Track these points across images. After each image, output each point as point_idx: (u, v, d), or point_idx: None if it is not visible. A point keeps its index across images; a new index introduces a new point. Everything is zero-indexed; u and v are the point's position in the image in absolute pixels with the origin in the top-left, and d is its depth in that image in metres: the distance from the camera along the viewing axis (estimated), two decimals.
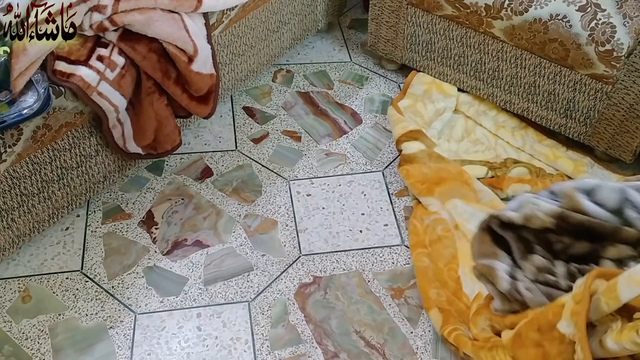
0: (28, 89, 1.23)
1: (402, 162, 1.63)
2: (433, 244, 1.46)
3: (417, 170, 1.59)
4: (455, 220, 1.49)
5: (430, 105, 1.81)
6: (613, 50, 1.47)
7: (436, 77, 1.88)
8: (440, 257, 1.44)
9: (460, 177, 1.58)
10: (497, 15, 1.60)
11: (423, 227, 1.49)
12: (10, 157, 1.26)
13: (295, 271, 1.47)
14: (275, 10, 1.79)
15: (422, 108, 1.80)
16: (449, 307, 1.33)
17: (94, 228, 1.54)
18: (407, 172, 1.60)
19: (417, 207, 1.56)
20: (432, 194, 1.55)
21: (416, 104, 1.81)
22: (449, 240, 1.47)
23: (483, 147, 1.72)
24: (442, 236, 1.48)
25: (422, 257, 1.44)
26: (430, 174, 1.58)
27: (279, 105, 1.89)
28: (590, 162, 1.67)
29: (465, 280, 1.38)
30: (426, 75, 1.89)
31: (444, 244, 1.46)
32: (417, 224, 1.50)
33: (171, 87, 1.45)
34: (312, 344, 1.33)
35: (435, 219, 1.51)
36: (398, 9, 1.81)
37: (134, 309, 1.39)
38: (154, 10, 1.35)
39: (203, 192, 1.63)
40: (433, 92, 1.84)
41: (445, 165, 1.60)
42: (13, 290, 1.42)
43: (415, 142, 1.65)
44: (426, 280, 1.39)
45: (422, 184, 1.57)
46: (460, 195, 1.54)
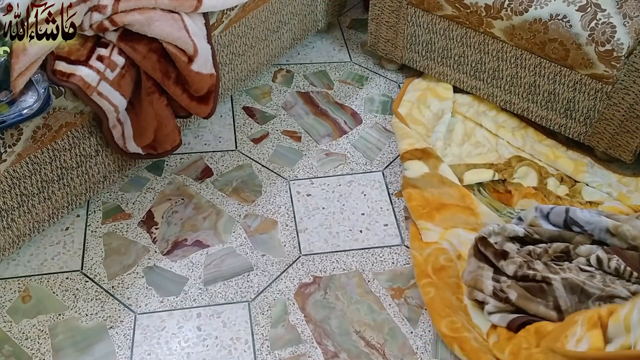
0: (28, 89, 1.23)
1: (404, 185, 1.60)
2: (437, 272, 1.41)
3: (419, 194, 1.56)
4: (458, 250, 1.45)
5: (425, 110, 1.80)
6: (613, 50, 1.47)
7: (436, 77, 1.88)
8: (446, 286, 1.39)
9: (463, 201, 1.55)
10: (497, 15, 1.60)
11: (424, 257, 1.44)
12: (10, 157, 1.26)
13: (295, 271, 1.47)
14: (275, 10, 1.79)
15: (418, 114, 1.79)
16: (467, 335, 1.29)
17: (94, 228, 1.54)
18: (409, 195, 1.56)
19: (415, 238, 1.50)
20: (432, 219, 1.51)
21: (412, 111, 1.80)
22: (452, 270, 1.42)
23: (485, 149, 1.71)
24: (446, 265, 1.42)
25: (428, 288, 1.39)
26: (432, 199, 1.55)
27: (279, 105, 1.89)
28: (590, 162, 1.67)
29: (474, 311, 1.35)
30: (422, 82, 1.89)
31: (448, 273, 1.41)
32: (417, 255, 1.45)
33: (171, 87, 1.45)
34: (312, 344, 1.33)
35: (436, 249, 1.46)
36: (398, 9, 1.81)
37: (134, 309, 1.39)
38: (154, 10, 1.35)
39: (203, 192, 1.63)
40: (427, 97, 1.84)
41: (447, 189, 1.57)
42: (13, 290, 1.42)
43: (417, 163, 1.63)
44: (436, 311, 1.34)
45: (423, 208, 1.53)
46: (462, 223, 1.50)
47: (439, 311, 1.34)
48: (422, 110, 1.80)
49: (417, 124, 1.77)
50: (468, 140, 1.74)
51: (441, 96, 1.83)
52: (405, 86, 1.89)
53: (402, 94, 1.86)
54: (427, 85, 1.87)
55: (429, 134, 1.74)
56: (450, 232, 1.49)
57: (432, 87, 1.86)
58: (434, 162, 1.64)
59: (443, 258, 1.44)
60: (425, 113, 1.80)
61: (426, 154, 1.65)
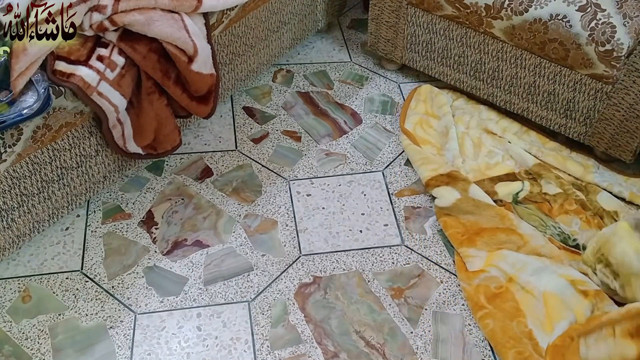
0: (28, 89, 1.23)
1: (438, 214, 1.55)
2: (491, 301, 1.35)
3: (455, 221, 1.51)
4: (508, 274, 1.39)
5: (429, 129, 1.77)
6: (613, 50, 1.47)
7: (436, 77, 1.88)
8: (504, 313, 1.33)
9: (502, 222, 1.49)
10: (497, 15, 1.60)
11: (473, 287, 1.38)
12: (10, 157, 1.26)
13: (295, 271, 1.47)
14: (275, 10, 1.79)
15: (424, 133, 1.76)
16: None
17: (94, 228, 1.54)
18: (445, 223, 1.52)
19: (460, 269, 1.44)
20: (473, 244, 1.46)
21: (415, 130, 1.76)
22: (507, 294, 1.36)
23: (500, 157, 1.68)
24: (498, 293, 1.37)
25: (486, 320, 1.33)
26: (469, 224, 1.50)
27: (279, 105, 1.89)
28: (595, 163, 1.67)
29: (540, 334, 1.29)
30: (420, 92, 1.86)
31: (502, 299, 1.36)
32: (467, 286, 1.39)
33: (171, 87, 1.45)
34: (312, 344, 1.33)
35: (485, 277, 1.40)
36: (398, 9, 1.81)
37: (134, 309, 1.39)
38: (154, 10, 1.36)
39: (203, 192, 1.63)
40: (428, 119, 1.80)
41: (484, 212, 1.52)
42: (13, 290, 1.42)
43: (446, 189, 1.57)
44: (500, 344, 1.28)
45: (462, 235, 1.48)
46: (507, 243, 1.45)
47: (503, 343, 1.28)
48: (426, 129, 1.77)
49: (425, 144, 1.73)
50: (480, 151, 1.71)
51: (438, 115, 1.80)
52: (407, 102, 1.85)
53: (406, 109, 1.83)
54: (428, 94, 1.85)
55: (441, 152, 1.71)
56: (497, 254, 1.43)
57: (428, 110, 1.82)
58: (462, 185, 1.58)
59: (494, 286, 1.38)
60: (429, 131, 1.76)
61: (452, 178, 1.59)
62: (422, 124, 1.77)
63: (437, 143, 1.73)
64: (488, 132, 1.75)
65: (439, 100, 1.83)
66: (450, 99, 1.85)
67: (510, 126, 1.78)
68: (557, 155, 1.68)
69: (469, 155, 1.70)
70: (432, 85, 1.89)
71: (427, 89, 1.87)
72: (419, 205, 1.62)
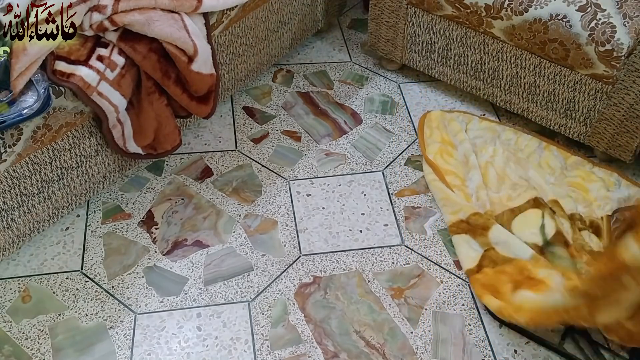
0: (28, 89, 1.23)
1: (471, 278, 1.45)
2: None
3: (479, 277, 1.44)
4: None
5: (449, 158, 1.70)
6: (613, 50, 1.47)
7: (436, 77, 1.88)
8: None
9: (521, 274, 1.42)
10: (497, 15, 1.60)
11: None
12: (10, 157, 1.26)
13: (295, 271, 1.47)
14: (275, 10, 1.79)
15: (444, 163, 1.69)
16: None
17: (94, 228, 1.54)
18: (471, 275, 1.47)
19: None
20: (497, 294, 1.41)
21: (436, 160, 1.69)
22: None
23: (523, 189, 1.60)
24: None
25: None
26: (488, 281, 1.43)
27: (279, 105, 1.89)
28: (617, 179, 1.64)
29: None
30: (431, 119, 1.80)
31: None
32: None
33: (171, 87, 1.45)
34: (312, 344, 1.33)
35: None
36: (398, 9, 1.81)
37: (134, 309, 1.39)
38: (154, 10, 1.36)
39: (203, 192, 1.63)
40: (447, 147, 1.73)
41: (504, 268, 1.44)
42: (13, 290, 1.42)
43: (465, 239, 1.50)
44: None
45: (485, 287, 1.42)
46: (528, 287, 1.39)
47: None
48: (447, 159, 1.69)
49: (448, 174, 1.65)
50: (503, 182, 1.63)
51: (455, 144, 1.73)
52: (421, 131, 1.78)
53: (422, 138, 1.75)
54: (441, 137, 1.75)
55: (464, 183, 1.63)
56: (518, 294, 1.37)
57: (445, 138, 1.75)
58: (481, 233, 1.50)
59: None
60: (450, 161, 1.69)
61: (472, 226, 1.52)
62: (442, 154, 1.70)
63: (460, 173, 1.66)
64: (512, 166, 1.67)
65: (453, 127, 1.78)
66: (463, 123, 1.80)
67: (530, 143, 1.73)
68: (581, 172, 1.64)
69: (491, 187, 1.62)
70: (441, 111, 1.83)
71: (438, 116, 1.81)
72: (419, 205, 1.62)
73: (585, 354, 1.32)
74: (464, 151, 1.71)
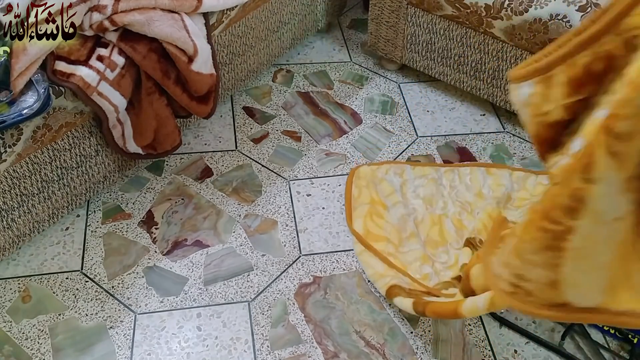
0: (28, 89, 1.23)
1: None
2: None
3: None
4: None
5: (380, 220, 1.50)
6: None
7: (436, 77, 1.88)
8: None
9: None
10: (497, 15, 1.60)
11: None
12: (10, 157, 1.26)
13: (295, 271, 1.47)
14: (275, 10, 1.79)
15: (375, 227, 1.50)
16: None
17: (94, 228, 1.54)
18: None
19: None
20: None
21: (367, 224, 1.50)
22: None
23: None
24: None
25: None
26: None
27: (279, 105, 1.89)
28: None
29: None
30: (360, 176, 1.62)
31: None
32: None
33: (171, 87, 1.45)
34: (312, 344, 1.33)
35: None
36: (398, 9, 1.81)
37: (134, 309, 1.39)
38: (154, 10, 1.36)
39: (203, 192, 1.63)
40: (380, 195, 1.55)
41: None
42: (13, 290, 1.42)
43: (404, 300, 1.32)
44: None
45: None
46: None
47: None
48: (377, 221, 1.50)
49: (380, 241, 1.46)
50: (462, 235, 1.48)
51: (386, 205, 1.54)
52: (349, 190, 1.59)
53: (349, 201, 1.57)
54: (370, 197, 1.55)
55: (398, 250, 1.45)
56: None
57: (374, 197, 1.55)
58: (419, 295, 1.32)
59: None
60: (381, 223, 1.50)
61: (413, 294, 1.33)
62: (371, 216, 1.51)
63: (395, 238, 1.46)
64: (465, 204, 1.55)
65: (384, 188, 1.59)
66: (397, 179, 1.62)
67: (472, 175, 1.62)
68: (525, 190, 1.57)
69: (452, 241, 1.47)
70: (370, 165, 1.66)
71: (367, 173, 1.64)
72: None
73: (585, 354, 1.32)
74: (399, 216, 1.51)
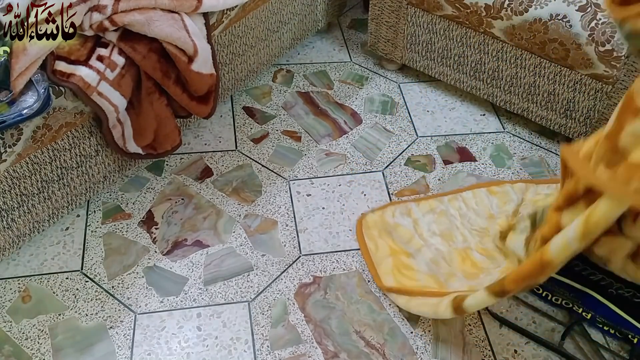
0: (28, 89, 1.23)
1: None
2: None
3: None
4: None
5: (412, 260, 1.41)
6: (613, 50, 1.47)
7: (436, 77, 1.88)
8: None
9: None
10: (497, 15, 1.60)
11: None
12: (10, 157, 1.26)
13: (295, 271, 1.47)
14: (275, 10, 1.79)
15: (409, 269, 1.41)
16: None
17: (94, 228, 1.54)
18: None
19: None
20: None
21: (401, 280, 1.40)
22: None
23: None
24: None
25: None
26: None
27: (279, 105, 1.89)
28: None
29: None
30: (369, 226, 1.51)
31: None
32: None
33: (171, 87, 1.45)
34: (312, 344, 1.33)
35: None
36: (398, 9, 1.81)
37: (134, 309, 1.39)
38: (154, 10, 1.36)
39: (203, 192, 1.63)
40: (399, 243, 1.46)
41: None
42: (13, 290, 1.42)
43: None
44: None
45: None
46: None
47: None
48: (407, 273, 1.40)
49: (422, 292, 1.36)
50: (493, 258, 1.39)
51: (409, 252, 1.43)
52: (363, 246, 1.48)
53: (369, 258, 1.45)
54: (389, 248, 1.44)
55: (443, 287, 1.36)
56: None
57: (394, 247, 1.44)
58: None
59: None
60: (412, 274, 1.39)
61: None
62: (399, 269, 1.39)
63: (434, 285, 1.36)
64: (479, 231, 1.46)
65: (401, 234, 1.47)
66: (408, 221, 1.50)
67: (478, 199, 1.55)
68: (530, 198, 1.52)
69: (486, 268, 1.38)
70: (377, 212, 1.55)
71: (375, 221, 1.52)
72: None
73: (585, 354, 1.32)
74: (427, 261, 1.41)
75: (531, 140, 1.81)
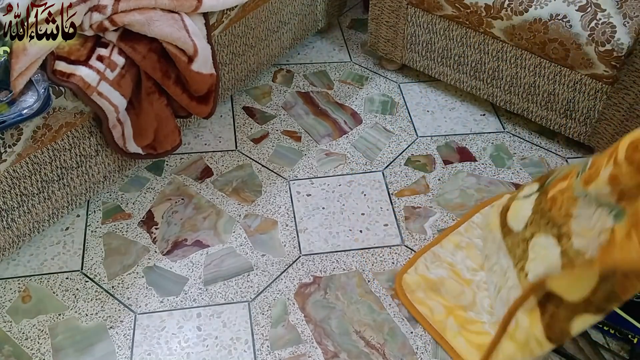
0: (28, 89, 1.23)
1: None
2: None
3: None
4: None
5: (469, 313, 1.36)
6: (613, 50, 1.47)
7: (436, 77, 1.88)
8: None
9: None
10: (497, 15, 1.60)
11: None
12: (10, 157, 1.26)
13: (295, 271, 1.47)
14: (275, 10, 1.79)
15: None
16: None
17: (94, 228, 1.54)
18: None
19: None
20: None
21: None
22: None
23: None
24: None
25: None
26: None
27: (279, 105, 1.89)
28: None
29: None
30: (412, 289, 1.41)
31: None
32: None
33: (171, 87, 1.45)
34: (312, 344, 1.33)
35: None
36: (398, 9, 1.81)
37: (134, 309, 1.39)
38: (154, 10, 1.36)
39: (203, 192, 1.63)
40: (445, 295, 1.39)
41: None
42: (13, 290, 1.42)
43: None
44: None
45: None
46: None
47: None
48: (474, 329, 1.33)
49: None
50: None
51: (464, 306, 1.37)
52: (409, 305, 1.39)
53: (420, 317, 1.37)
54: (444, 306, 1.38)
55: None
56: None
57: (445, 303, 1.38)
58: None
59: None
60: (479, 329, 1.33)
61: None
62: (465, 328, 1.33)
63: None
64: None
65: (450, 289, 1.40)
66: (444, 270, 1.44)
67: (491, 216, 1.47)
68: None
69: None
70: (410, 271, 1.45)
71: (415, 280, 1.43)
72: (419, 205, 1.62)
73: (585, 354, 1.32)
74: (486, 307, 1.35)
75: (531, 140, 1.81)
